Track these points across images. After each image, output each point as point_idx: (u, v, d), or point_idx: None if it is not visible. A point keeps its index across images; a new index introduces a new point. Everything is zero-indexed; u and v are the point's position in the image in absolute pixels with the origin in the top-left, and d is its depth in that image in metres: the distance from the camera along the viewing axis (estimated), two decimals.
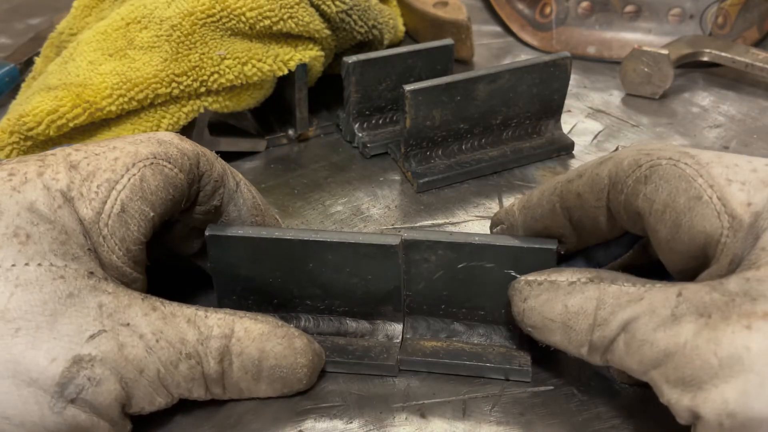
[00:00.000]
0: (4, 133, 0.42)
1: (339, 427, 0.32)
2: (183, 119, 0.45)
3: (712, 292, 0.25)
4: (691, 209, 0.26)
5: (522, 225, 0.33)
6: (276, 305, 0.35)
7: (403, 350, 0.34)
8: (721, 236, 0.26)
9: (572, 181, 0.31)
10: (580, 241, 0.33)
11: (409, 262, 0.33)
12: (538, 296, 0.30)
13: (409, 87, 0.44)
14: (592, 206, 0.30)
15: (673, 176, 0.27)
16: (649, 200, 0.28)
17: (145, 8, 0.45)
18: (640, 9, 0.62)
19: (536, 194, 0.33)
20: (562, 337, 0.29)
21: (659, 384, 0.25)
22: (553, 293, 0.29)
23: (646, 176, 0.28)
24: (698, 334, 0.24)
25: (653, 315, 0.25)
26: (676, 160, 0.27)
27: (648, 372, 0.26)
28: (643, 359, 0.26)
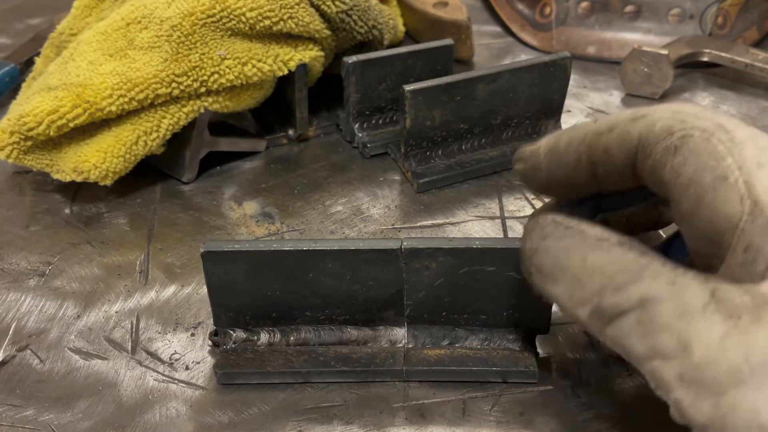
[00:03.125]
0: (4, 133, 0.42)
1: (339, 427, 0.32)
2: (183, 119, 0.45)
3: (744, 295, 0.23)
4: (715, 189, 0.25)
5: (546, 168, 0.32)
6: (275, 318, 0.34)
7: (407, 361, 0.34)
8: (739, 221, 0.25)
9: (602, 134, 0.29)
10: (602, 189, 0.31)
11: (409, 270, 0.32)
12: (560, 239, 0.27)
13: (409, 87, 0.44)
14: (619, 163, 0.29)
15: (703, 151, 0.26)
16: (675, 172, 0.26)
17: (146, 8, 0.45)
18: (640, 9, 0.62)
19: (564, 140, 0.31)
20: (564, 290, 0.27)
21: (666, 378, 0.23)
22: (577, 242, 0.27)
23: (676, 146, 0.27)
24: (727, 335, 0.22)
25: (682, 303, 0.23)
26: (710, 134, 0.26)
27: (653, 360, 0.24)
28: (656, 346, 0.23)
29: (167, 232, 0.43)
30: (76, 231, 0.43)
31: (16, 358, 0.35)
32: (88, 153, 0.43)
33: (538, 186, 0.32)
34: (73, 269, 0.40)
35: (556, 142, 0.31)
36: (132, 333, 0.37)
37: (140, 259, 0.41)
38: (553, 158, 0.31)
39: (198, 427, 0.32)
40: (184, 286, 0.39)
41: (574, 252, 0.27)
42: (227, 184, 0.47)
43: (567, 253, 0.27)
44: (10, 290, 0.39)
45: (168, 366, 0.35)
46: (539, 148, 0.32)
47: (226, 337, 0.34)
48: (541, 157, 0.32)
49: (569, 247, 0.27)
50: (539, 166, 0.32)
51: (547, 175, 0.32)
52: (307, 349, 0.34)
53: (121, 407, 0.33)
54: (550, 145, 0.31)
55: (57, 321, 0.37)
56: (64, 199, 0.46)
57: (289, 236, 0.43)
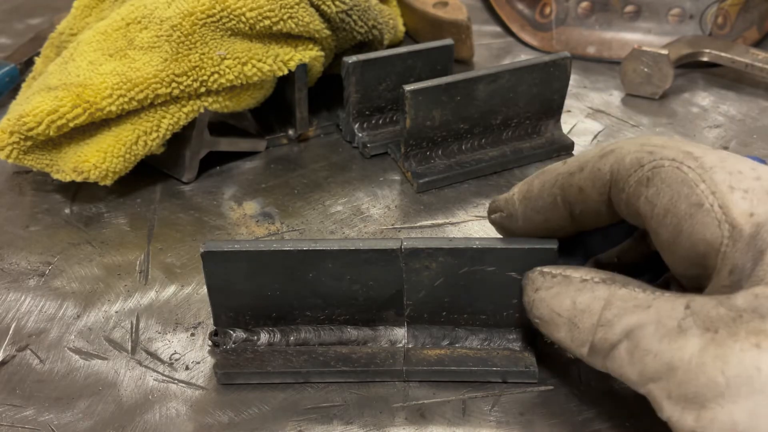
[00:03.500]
0: (4, 133, 0.42)
1: (339, 427, 0.32)
2: (183, 119, 0.45)
3: (719, 307, 0.24)
4: (692, 216, 0.26)
5: (522, 215, 0.33)
6: (275, 318, 0.34)
7: (407, 361, 0.34)
8: (720, 245, 0.25)
9: (573, 174, 0.30)
10: (580, 228, 0.32)
11: (410, 270, 0.32)
12: (550, 288, 0.30)
13: (409, 87, 0.44)
14: (594, 200, 0.30)
15: (675, 180, 0.27)
16: (650, 203, 0.27)
17: (145, 8, 0.45)
18: (640, 9, 0.62)
19: (537, 185, 0.32)
20: (566, 334, 0.28)
21: (659, 399, 0.24)
22: (565, 288, 0.29)
23: (648, 178, 0.27)
24: (704, 349, 0.23)
25: (659, 325, 0.25)
26: (680, 162, 0.27)
27: (647, 384, 0.25)
28: (644, 370, 0.25)
29: (167, 232, 0.43)
30: (76, 231, 0.43)
31: (16, 358, 0.35)
32: (88, 153, 0.43)
33: (516, 233, 0.33)
34: (73, 269, 0.40)
35: (528, 188, 0.32)
36: (132, 333, 0.37)
37: (140, 259, 0.41)
38: (529, 204, 0.32)
39: (198, 427, 0.32)
40: (184, 286, 0.39)
41: (564, 297, 0.29)
42: (227, 184, 0.47)
43: (558, 300, 0.29)
44: (10, 290, 0.39)
45: (168, 366, 0.35)
46: (513, 195, 0.33)
47: (226, 337, 0.34)
48: (516, 204, 0.33)
49: (559, 293, 0.29)
50: (515, 215, 0.33)
51: (524, 221, 0.33)
52: (307, 349, 0.34)
53: (121, 407, 0.33)
54: (524, 191, 0.32)
55: (57, 321, 0.37)
56: (64, 199, 0.46)
57: (289, 236, 0.43)
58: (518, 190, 0.33)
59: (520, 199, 0.33)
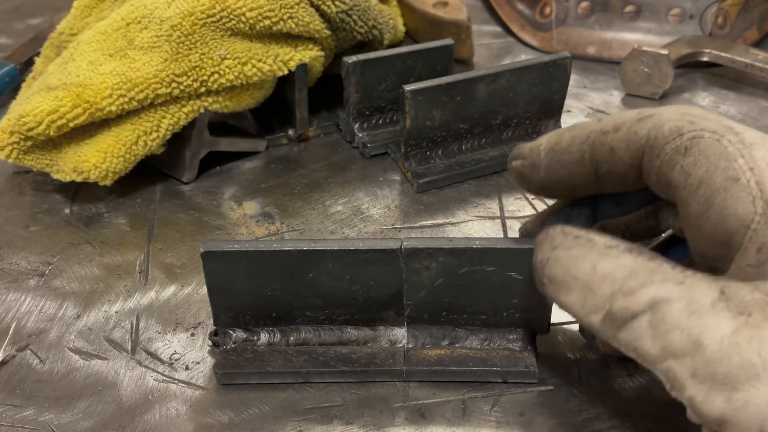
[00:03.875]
0: (4, 133, 0.42)
1: (339, 427, 0.32)
2: (183, 119, 0.45)
3: (754, 291, 0.23)
4: (726, 189, 0.25)
5: (545, 167, 0.31)
6: (275, 318, 0.34)
7: (407, 361, 0.34)
8: (752, 222, 0.25)
9: (607, 133, 0.29)
10: (602, 190, 0.31)
11: (410, 270, 0.32)
12: (570, 249, 0.28)
13: (409, 87, 0.44)
14: (624, 163, 0.29)
15: (713, 152, 0.26)
16: (685, 173, 0.26)
17: (145, 8, 0.45)
18: (640, 9, 0.62)
19: (566, 138, 0.31)
20: (577, 298, 0.27)
21: (680, 377, 0.23)
22: (586, 251, 0.27)
23: (686, 147, 0.27)
24: (738, 331, 0.22)
25: (691, 302, 0.24)
26: (720, 135, 0.26)
27: (666, 360, 0.24)
28: (668, 345, 0.24)
29: (167, 232, 0.43)
30: (76, 231, 0.43)
31: (16, 358, 0.35)
32: (88, 153, 0.43)
33: (534, 185, 0.32)
34: (73, 269, 0.40)
35: (558, 139, 0.31)
36: (132, 333, 0.37)
37: (140, 259, 0.41)
38: (554, 156, 0.31)
39: (198, 427, 0.32)
40: (184, 286, 0.39)
41: (584, 260, 0.27)
42: (227, 184, 0.47)
43: (577, 261, 0.27)
44: (10, 290, 0.39)
45: (168, 366, 0.35)
46: (539, 146, 0.32)
47: (226, 337, 0.34)
48: (541, 154, 0.31)
49: (579, 256, 0.27)
50: (538, 164, 0.32)
51: (546, 173, 0.31)
52: (307, 349, 0.34)
53: (121, 407, 0.33)
54: (552, 142, 0.31)
55: (57, 321, 0.37)
56: (64, 199, 0.46)
57: (289, 236, 0.43)
58: (546, 140, 0.31)
59: (547, 149, 0.31)
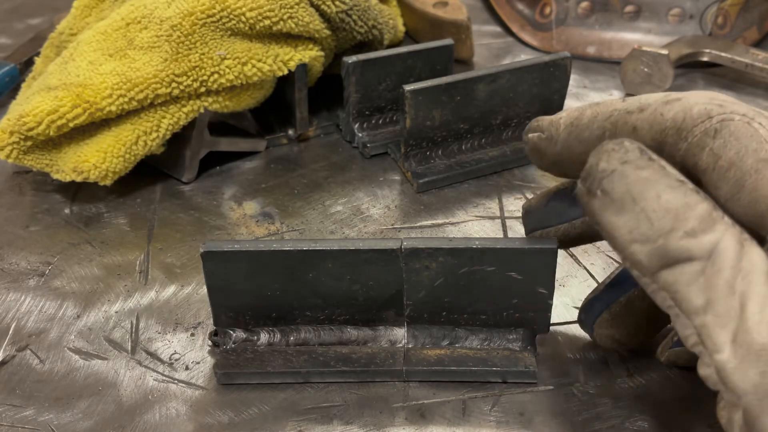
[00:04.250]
0: (4, 133, 0.42)
1: (339, 427, 0.32)
2: (183, 119, 0.45)
3: None
4: (758, 171, 0.25)
5: (563, 141, 0.30)
6: (275, 318, 0.34)
7: (407, 361, 0.34)
8: None
9: (632, 113, 0.29)
10: None
11: (409, 270, 0.32)
12: (642, 168, 0.26)
13: (409, 87, 0.44)
14: (645, 143, 0.28)
15: (744, 134, 0.26)
16: (714, 155, 0.26)
17: (145, 8, 0.45)
18: (640, 9, 0.62)
19: (588, 114, 0.30)
20: (628, 222, 0.25)
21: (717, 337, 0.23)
22: (658, 176, 0.26)
23: (716, 129, 0.26)
24: None
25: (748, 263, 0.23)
26: (750, 118, 0.26)
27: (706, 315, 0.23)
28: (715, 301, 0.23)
29: (167, 232, 0.43)
30: (76, 231, 0.43)
31: (16, 358, 0.35)
32: (88, 153, 0.43)
33: (548, 159, 0.31)
34: (73, 269, 0.40)
35: (579, 114, 0.30)
36: (132, 333, 0.37)
37: (140, 259, 0.41)
38: (574, 131, 0.30)
39: (198, 427, 0.32)
40: (184, 286, 0.39)
41: (652, 186, 0.25)
42: (227, 184, 0.47)
43: (644, 184, 0.25)
44: (10, 290, 0.39)
45: (168, 366, 0.35)
46: (560, 119, 0.31)
47: (226, 337, 0.34)
48: (560, 128, 0.31)
49: (648, 179, 0.25)
50: (556, 138, 0.31)
51: (563, 148, 0.31)
52: (307, 349, 0.34)
53: (121, 407, 0.33)
54: (573, 117, 0.30)
55: (57, 321, 0.37)
56: (64, 199, 0.46)
57: (289, 236, 0.43)
58: (567, 115, 0.31)
59: (566, 124, 0.31)
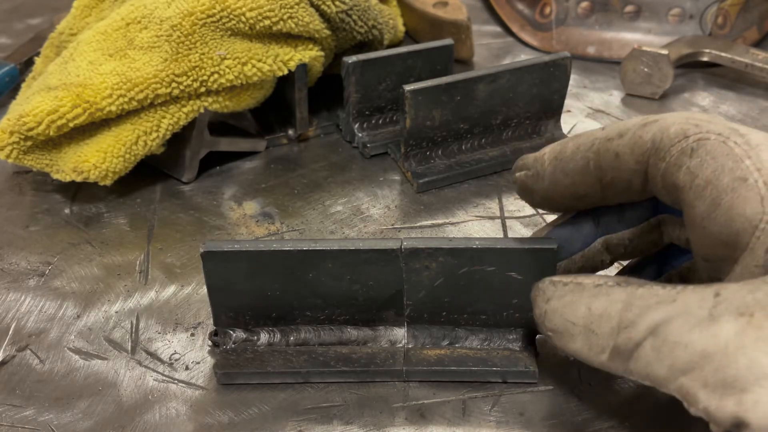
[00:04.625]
0: (4, 133, 0.42)
1: (339, 427, 0.32)
2: (183, 119, 0.45)
3: (755, 292, 0.23)
4: (734, 189, 0.26)
5: (549, 176, 0.31)
6: (275, 318, 0.34)
7: (407, 361, 0.34)
8: (760, 222, 0.25)
9: (612, 140, 0.29)
10: (604, 200, 0.31)
11: (409, 270, 0.32)
12: (562, 297, 0.28)
13: (409, 87, 0.44)
14: (629, 168, 0.29)
15: (720, 153, 0.26)
16: (691, 174, 0.27)
17: (145, 8, 0.45)
18: (640, 9, 0.62)
19: (571, 147, 0.31)
20: (582, 343, 0.27)
21: (693, 390, 0.23)
22: (578, 295, 0.28)
23: (692, 149, 0.27)
24: (742, 333, 0.22)
25: (688, 316, 0.24)
26: (726, 137, 0.26)
27: (678, 379, 0.24)
28: (675, 363, 0.24)
29: (167, 232, 0.43)
30: (76, 231, 0.43)
31: (16, 358, 0.35)
32: (88, 153, 0.43)
33: (537, 195, 0.32)
34: (73, 269, 0.40)
35: (562, 148, 0.31)
36: (132, 333, 0.37)
37: (140, 259, 0.41)
38: (559, 165, 0.31)
39: (198, 427, 0.32)
40: (184, 286, 0.39)
41: (578, 305, 0.27)
42: (227, 184, 0.47)
43: (572, 308, 0.28)
44: (10, 290, 0.39)
45: (168, 366, 0.35)
46: (543, 155, 0.32)
47: (226, 337, 0.34)
48: (545, 164, 0.31)
49: (572, 301, 0.28)
50: (542, 174, 0.32)
51: (550, 183, 0.31)
52: (307, 349, 0.34)
53: (121, 407, 0.33)
54: (556, 151, 0.31)
55: (57, 321, 0.37)
56: (64, 199, 0.46)
57: (289, 236, 0.43)
58: (550, 150, 0.32)
59: (551, 158, 0.31)
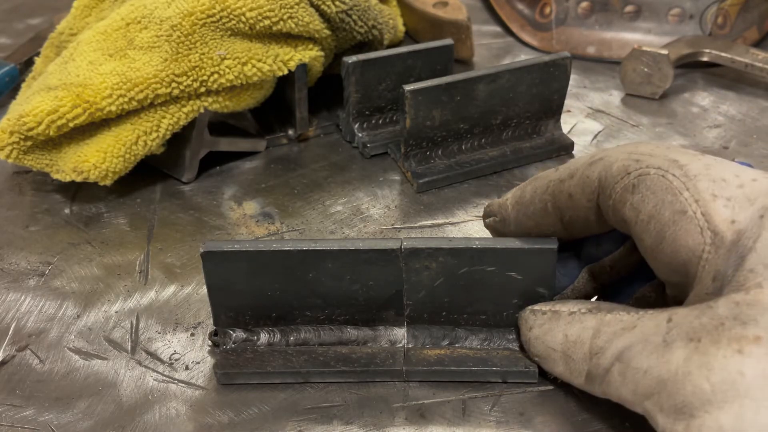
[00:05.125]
0: (4, 133, 0.42)
1: (339, 427, 0.32)
2: (183, 119, 0.45)
3: (701, 317, 0.24)
4: (675, 223, 0.27)
5: (514, 220, 0.33)
6: (275, 319, 0.34)
7: (407, 361, 0.34)
8: (702, 252, 0.26)
9: (564, 181, 0.31)
10: (571, 236, 0.33)
11: (409, 270, 0.33)
12: (542, 325, 0.31)
13: (409, 87, 0.44)
14: (583, 207, 0.30)
15: (660, 188, 0.27)
16: (635, 209, 0.28)
17: (145, 8, 0.45)
18: (640, 9, 0.62)
19: (529, 191, 0.33)
20: (563, 368, 0.30)
21: (654, 414, 0.25)
22: (555, 323, 0.30)
23: (633, 185, 0.28)
24: (689, 359, 0.24)
25: (646, 343, 0.26)
26: (665, 170, 0.27)
27: (642, 403, 0.25)
28: (638, 389, 0.25)
29: (167, 232, 0.43)
30: (76, 231, 0.43)
31: (16, 358, 0.35)
32: (88, 153, 0.43)
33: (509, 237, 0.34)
34: (73, 269, 0.40)
35: (521, 193, 0.33)
36: (132, 333, 0.37)
37: (140, 259, 0.41)
38: (521, 209, 0.33)
39: (198, 427, 0.32)
40: (184, 286, 0.39)
41: (556, 332, 0.30)
42: (227, 184, 0.47)
43: (551, 335, 0.30)
44: (10, 290, 0.39)
45: (168, 366, 0.35)
46: (506, 201, 0.34)
47: (225, 337, 0.34)
48: (509, 209, 0.34)
49: (551, 329, 0.31)
50: (508, 219, 0.34)
51: (516, 226, 0.33)
52: (307, 349, 0.34)
53: (120, 407, 0.33)
54: (516, 197, 0.33)
55: (57, 321, 0.37)
56: (64, 199, 0.46)
57: (289, 236, 0.43)
58: (511, 196, 0.34)
59: (513, 204, 0.33)
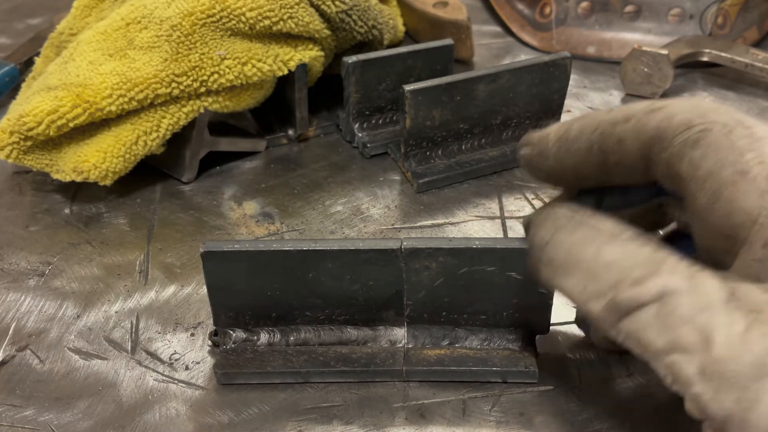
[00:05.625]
0: (4, 133, 0.42)
1: (339, 427, 0.32)
2: (183, 119, 0.45)
3: (765, 293, 0.23)
4: (734, 183, 0.25)
5: (554, 155, 0.31)
6: (275, 318, 0.34)
7: (407, 361, 0.34)
8: (759, 216, 0.25)
9: (617, 124, 0.29)
10: (606, 182, 0.31)
11: (409, 270, 0.32)
12: (573, 232, 0.27)
13: (409, 87, 0.44)
14: (632, 154, 0.28)
15: (722, 145, 0.26)
16: (693, 165, 0.26)
17: (145, 8, 0.45)
18: (640, 9, 0.62)
19: (576, 128, 0.30)
20: (576, 283, 0.26)
21: (687, 372, 0.23)
22: (591, 235, 0.27)
23: (695, 140, 0.26)
24: (749, 329, 0.22)
25: (702, 297, 0.23)
26: (731, 129, 0.26)
27: (672, 354, 0.23)
28: (676, 339, 0.23)
29: (167, 232, 0.43)
30: (76, 231, 0.43)
31: (16, 358, 0.35)
32: (88, 153, 0.43)
33: (542, 173, 0.32)
34: (73, 269, 0.40)
35: (567, 129, 0.31)
36: (132, 333, 0.37)
37: (140, 259, 0.41)
38: (563, 145, 0.31)
39: (198, 427, 0.32)
40: (184, 286, 0.39)
41: (588, 245, 0.26)
42: (227, 184, 0.47)
43: (581, 246, 0.27)
44: (10, 290, 0.39)
45: (168, 366, 0.35)
46: (549, 134, 0.31)
47: (226, 337, 0.34)
48: (550, 143, 0.31)
49: (583, 240, 0.27)
50: (547, 153, 0.31)
51: (555, 161, 0.31)
52: (307, 349, 0.34)
53: (120, 407, 0.33)
54: (561, 131, 0.31)
55: (57, 321, 0.37)
56: (64, 199, 0.46)
57: (289, 236, 0.43)
58: (555, 130, 0.31)
59: (555, 139, 0.31)
